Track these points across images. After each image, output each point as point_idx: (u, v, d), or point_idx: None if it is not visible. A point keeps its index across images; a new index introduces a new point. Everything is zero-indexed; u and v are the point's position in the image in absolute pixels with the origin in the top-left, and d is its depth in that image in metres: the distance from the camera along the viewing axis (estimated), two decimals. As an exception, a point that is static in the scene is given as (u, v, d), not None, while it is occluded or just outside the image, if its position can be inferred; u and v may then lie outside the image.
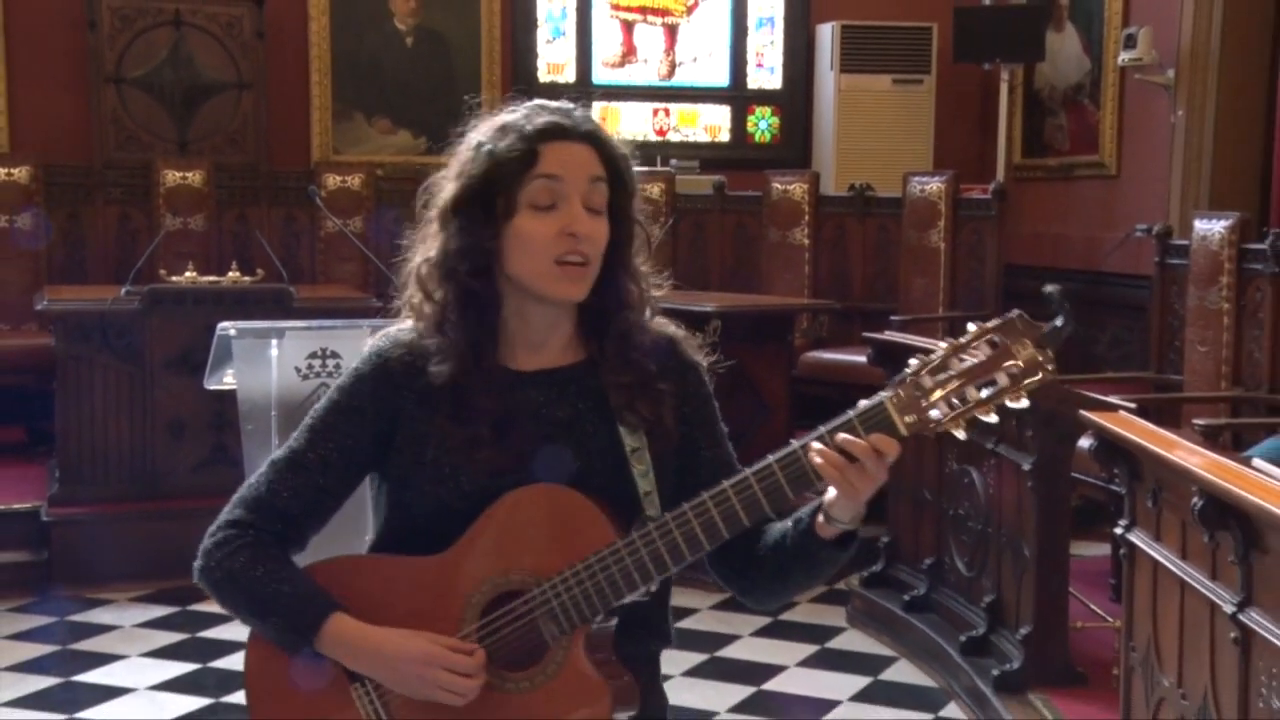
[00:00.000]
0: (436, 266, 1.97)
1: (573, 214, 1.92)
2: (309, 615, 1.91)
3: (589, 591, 1.87)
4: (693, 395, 2.06)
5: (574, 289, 1.94)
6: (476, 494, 1.92)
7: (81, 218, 7.55)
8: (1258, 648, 2.68)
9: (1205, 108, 6.93)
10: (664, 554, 1.87)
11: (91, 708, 4.52)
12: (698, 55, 8.85)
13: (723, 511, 1.85)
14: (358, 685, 1.94)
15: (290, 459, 1.98)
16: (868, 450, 1.79)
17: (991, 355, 1.77)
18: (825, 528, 1.90)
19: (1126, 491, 3.48)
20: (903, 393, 1.80)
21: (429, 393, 1.94)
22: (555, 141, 1.94)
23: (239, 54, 7.72)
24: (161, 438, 5.94)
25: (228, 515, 1.99)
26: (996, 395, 1.78)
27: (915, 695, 4.75)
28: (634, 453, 1.96)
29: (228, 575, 1.94)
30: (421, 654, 1.88)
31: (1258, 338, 5.66)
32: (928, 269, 7.35)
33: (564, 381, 2.00)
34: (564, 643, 1.89)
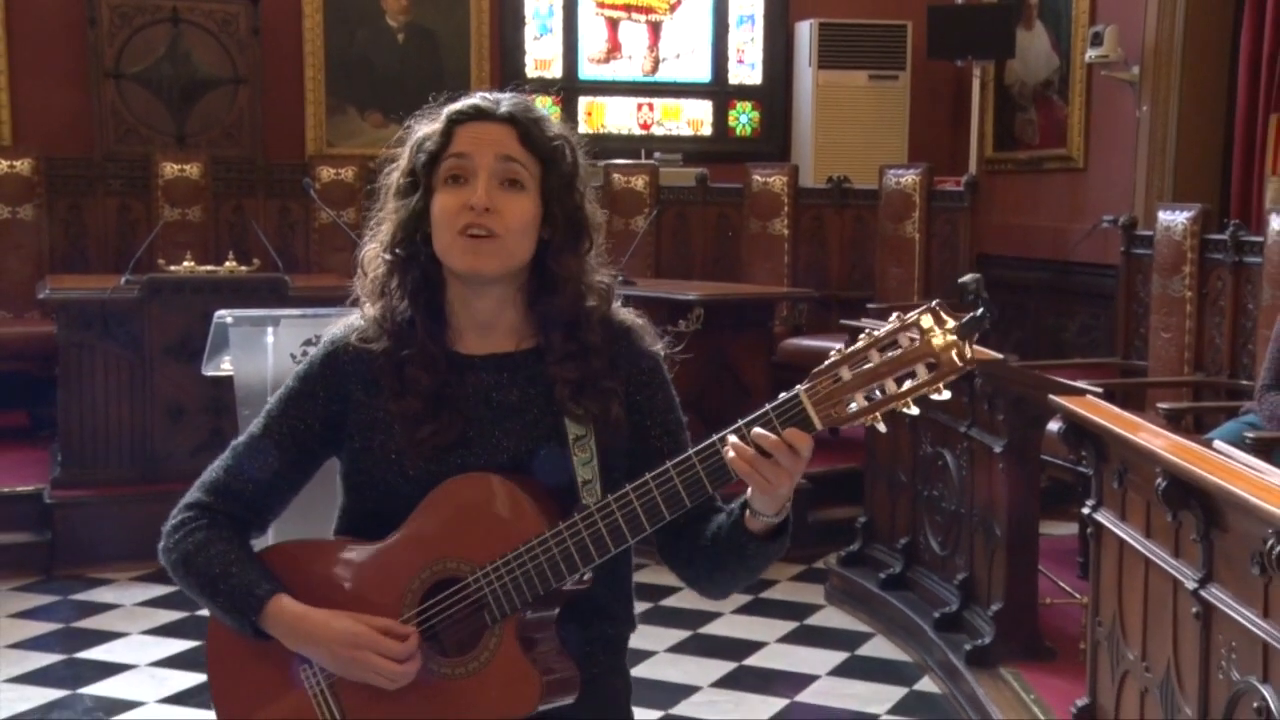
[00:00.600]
0: (378, 251, 1.99)
1: (474, 186, 1.90)
2: (252, 597, 1.92)
3: (519, 580, 1.85)
4: (646, 384, 2.02)
5: (480, 261, 1.91)
6: (421, 478, 1.92)
7: (82, 209, 7.61)
8: (1218, 622, 2.76)
9: (1169, 103, 7.04)
10: (588, 543, 1.84)
11: (94, 684, 4.57)
12: (681, 52, 8.92)
13: (644, 503, 1.82)
14: (305, 667, 1.96)
15: (248, 443, 2.00)
16: (780, 445, 1.74)
17: (910, 347, 1.70)
18: (753, 520, 1.86)
19: (1093, 473, 3.56)
20: (820, 386, 1.74)
21: (376, 379, 1.95)
22: (469, 123, 1.94)
23: (235, 50, 7.77)
24: (160, 422, 5.98)
25: (188, 498, 2.00)
26: (915, 388, 1.70)
27: (891, 670, 4.82)
28: (577, 441, 1.93)
29: (183, 556, 1.96)
30: (349, 635, 1.88)
31: (1219, 324, 5.76)
32: (903, 258, 7.44)
33: (513, 367, 1.98)
34: (496, 630, 1.87)
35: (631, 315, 2.07)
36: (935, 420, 4.89)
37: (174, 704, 4.45)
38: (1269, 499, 2.46)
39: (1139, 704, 3.25)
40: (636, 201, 7.88)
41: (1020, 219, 8.15)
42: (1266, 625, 2.55)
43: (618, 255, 7.42)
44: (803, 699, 4.55)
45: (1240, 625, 2.65)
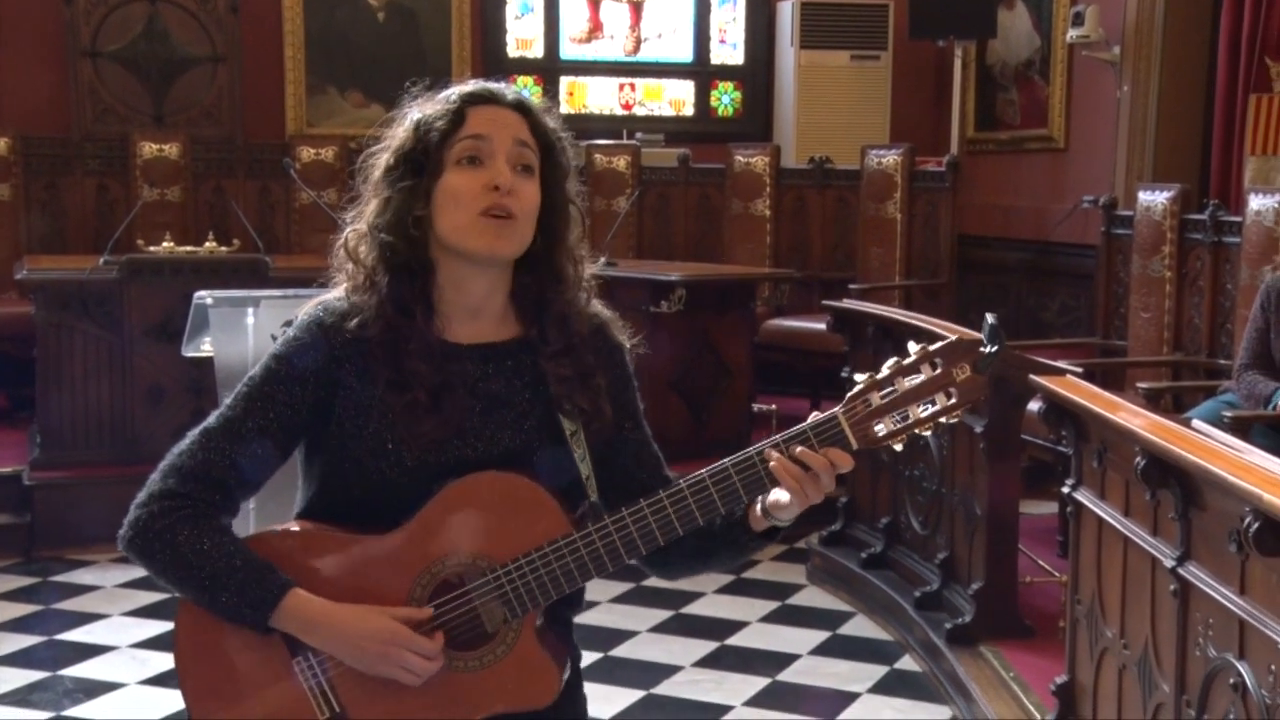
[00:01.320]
0: (367, 233, 1.95)
1: (497, 168, 1.90)
2: (265, 591, 1.86)
3: (543, 579, 1.87)
4: (619, 378, 2.04)
5: (500, 243, 1.91)
6: (417, 468, 1.89)
7: (60, 188, 7.58)
8: (1195, 599, 2.79)
9: (1149, 83, 7.06)
10: (619, 546, 1.87)
11: (74, 665, 4.57)
12: (662, 31, 8.89)
13: (679, 510, 1.87)
14: (300, 659, 1.90)
15: (226, 427, 1.91)
16: (825, 465, 1.83)
17: (933, 376, 1.82)
18: (760, 521, 1.92)
19: (1073, 452, 3.59)
20: (856, 409, 1.83)
21: (368, 364, 1.91)
22: (482, 105, 1.94)
23: (213, 28, 7.74)
24: (141, 403, 5.98)
25: (160, 485, 1.90)
26: (936, 414, 1.83)
27: (871, 648, 4.85)
28: (572, 436, 1.95)
29: (169, 548, 1.87)
30: (386, 632, 1.85)
31: (1198, 304, 5.80)
32: (884, 239, 7.46)
33: (500, 356, 1.97)
34: (514, 626, 1.89)
35: (602, 307, 2.08)
36: (916, 400, 4.90)
37: (155, 685, 4.46)
38: (1246, 478, 2.48)
39: (1117, 681, 3.28)
40: (618, 182, 7.87)
41: (1001, 199, 8.16)
42: (1243, 603, 2.57)
43: (599, 236, 7.47)
44: (784, 678, 4.58)
45: (1217, 603, 2.67)
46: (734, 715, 4.29)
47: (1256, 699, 2.51)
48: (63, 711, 4.26)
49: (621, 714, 4.26)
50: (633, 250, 7.79)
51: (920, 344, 1.85)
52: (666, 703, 4.37)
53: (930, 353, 1.83)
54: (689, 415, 6.03)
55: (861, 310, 5.47)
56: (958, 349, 1.83)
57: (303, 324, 1.95)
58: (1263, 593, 2.51)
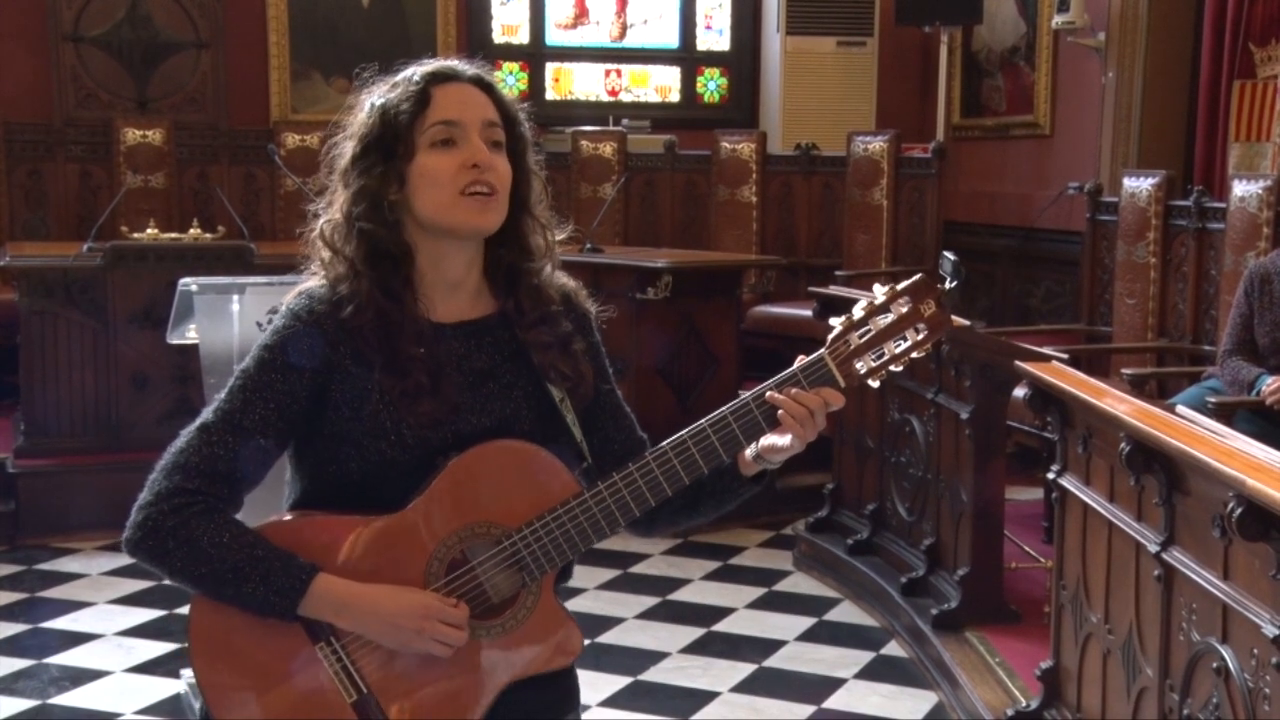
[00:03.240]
0: (341, 222, 1.95)
1: (474, 146, 1.93)
2: (292, 577, 1.86)
3: (558, 540, 1.92)
4: (591, 343, 2.09)
5: (483, 218, 1.94)
6: (417, 446, 1.91)
7: (43, 175, 7.54)
8: (1179, 584, 2.82)
9: (1134, 70, 7.07)
10: (629, 500, 1.93)
11: (60, 653, 4.57)
12: (648, 17, 8.87)
13: (683, 459, 1.93)
14: (323, 644, 1.91)
15: (226, 421, 1.90)
16: (820, 403, 1.92)
17: (902, 314, 1.93)
18: (750, 465, 2.00)
19: (1058, 438, 3.61)
20: (838, 350, 1.93)
21: (363, 348, 1.92)
22: (445, 83, 1.95)
23: (196, 13, 7.70)
24: (125, 391, 5.97)
25: (166, 484, 1.88)
26: (908, 349, 1.93)
27: (858, 634, 4.87)
28: (561, 402, 2.00)
29: (186, 545, 1.86)
30: (420, 607, 1.88)
31: (1182, 290, 5.83)
32: (871, 225, 7.48)
33: (479, 333, 2.00)
34: (534, 589, 1.93)
35: (566, 277, 2.12)
36: (903, 387, 4.92)
37: (141, 673, 4.46)
38: (1230, 463, 2.49)
39: (1101, 665, 3.30)
40: (604, 168, 7.87)
41: (987, 186, 8.18)
42: (1226, 587, 2.59)
43: (585, 223, 7.45)
44: (771, 664, 4.59)
45: (1201, 587, 2.69)
46: (721, 701, 4.30)
47: (1239, 683, 2.52)
48: (48, 699, 4.26)
49: (608, 700, 4.26)
50: (619, 237, 7.78)
51: (887, 284, 1.95)
52: (653, 689, 4.37)
53: (897, 292, 1.93)
54: (675, 401, 6.03)
55: (848, 297, 5.46)
56: (922, 286, 1.93)
57: (292, 312, 1.95)
58: (1245, 577, 2.53)
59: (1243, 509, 2.37)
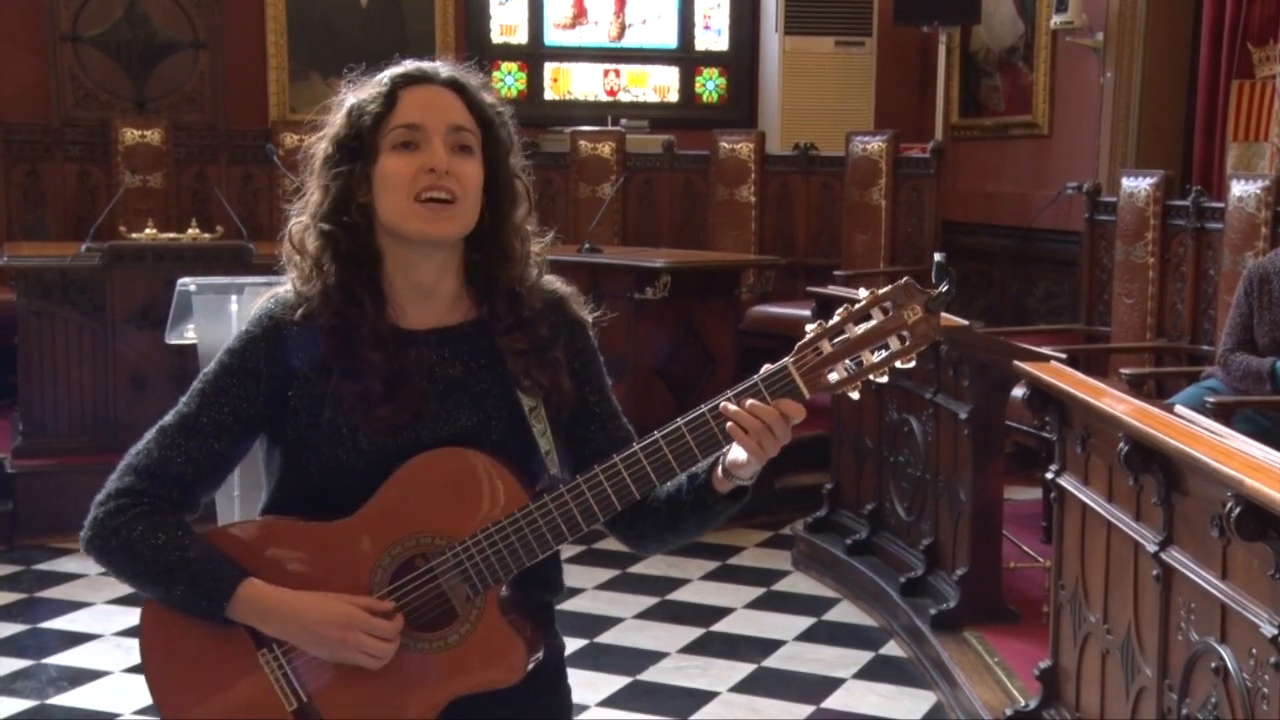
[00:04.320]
0: (309, 222, 1.93)
1: (432, 150, 1.88)
2: (219, 581, 1.86)
3: (502, 553, 1.86)
4: (580, 352, 2.02)
5: (438, 226, 1.89)
6: (375, 453, 1.88)
7: (41, 175, 7.54)
8: (1177, 584, 2.81)
9: (1132, 70, 7.07)
10: (576, 515, 1.86)
11: (58, 653, 4.57)
12: (647, 17, 8.86)
13: (634, 473, 1.85)
14: (265, 650, 1.90)
15: (181, 424, 1.90)
16: (776, 416, 1.81)
17: (884, 320, 1.80)
18: (723, 482, 1.90)
19: (1057, 438, 3.60)
20: (805, 358, 1.82)
21: (321, 355, 1.90)
22: (413, 86, 1.92)
23: (194, 13, 7.70)
24: (123, 391, 5.96)
25: (117, 484, 1.89)
26: (889, 358, 1.81)
27: (857, 634, 4.87)
28: (531, 411, 1.94)
29: (125, 545, 1.87)
30: (342, 617, 1.85)
31: (1180, 290, 5.83)
32: (869, 225, 7.48)
33: (455, 339, 1.95)
34: (477, 603, 1.88)
35: (559, 282, 2.06)
36: (901, 387, 4.92)
37: (139, 674, 4.40)
38: (1228, 463, 2.49)
39: (1100, 665, 3.30)
40: (603, 168, 7.87)
41: (985, 185, 8.18)
42: (1225, 587, 2.59)
43: (584, 223, 7.43)
44: (770, 664, 4.59)
45: (1199, 587, 2.69)
46: (719, 701, 4.30)
47: (1238, 682, 2.52)
48: (47, 700, 4.26)
49: (607, 700, 4.26)
50: (617, 237, 7.78)
51: (870, 289, 1.84)
52: (652, 689, 4.37)
53: (880, 296, 1.82)
54: (673, 402, 6.01)
55: (846, 297, 5.44)
56: (907, 291, 1.81)
57: (254, 318, 1.94)
58: (1244, 577, 2.53)
59: (1241, 509, 2.37)
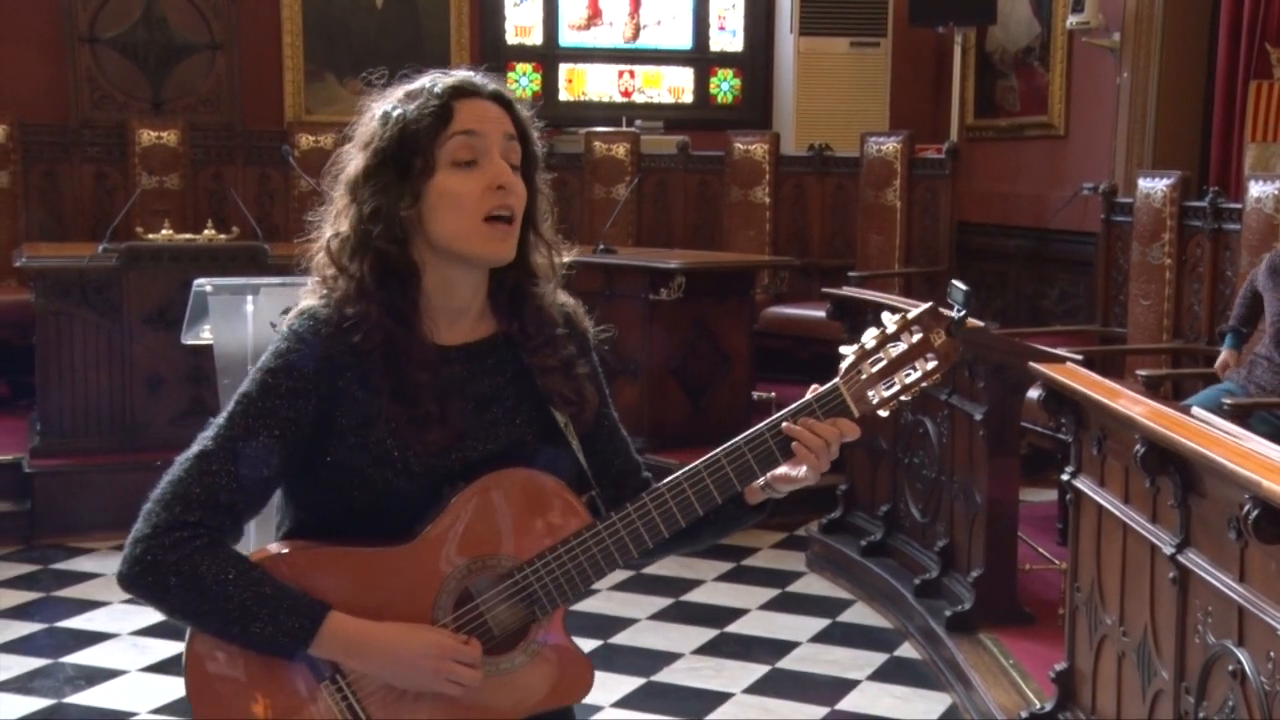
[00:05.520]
0: (350, 238, 1.86)
1: (497, 168, 1.85)
2: (303, 617, 1.79)
3: (570, 573, 1.87)
4: (591, 364, 2.03)
5: (503, 247, 1.88)
6: (425, 475, 1.85)
7: (58, 176, 7.57)
8: (1194, 587, 2.80)
9: (1149, 70, 7.06)
10: (642, 532, 1.89)
11: (75, 652, 4.59)
12: (661, 18, 8.88)
13: (698, 490, 1.89)
14: (328, 683, 1.84)
15: (228, 449, 1.81)
16: (836, 434, 1.89)
17: (914, 344, 1.90)
18: (755, 494, 1.95)
19: (1073, 439, 3.59)
20: (851, 379, 1.90)
21: (369, 374, 1.84)
22: (467, 98, 1.87)
23: (211, 15, 7.73)
24: (140, 391, 5.99)
25: (167, 516, 1.78)
26: (920, 379, 1.91)
27: (871, 636, 4.86)
28: (565, 427, 1.94)
29: (191, 582, 1.77)
30: (434, 647, 1.82)
31: (1197, 291, 5.81)
32: (884, 226, 7.47)
33: (483, 354, 1.94)
34: (544, 624, 1.89)
35: (567, 296, 2.05)
36: (916, 387, 4.90)
37: (155, 672, 4.47)
38: (1246, 465, 2.48)
39: (1116, 668, 3.29)
40: (617, 169, 7.88)
41: (1001, 186, 8.17)
42: (1242, 589, 2.58)
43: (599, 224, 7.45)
44: (784, 665, 4.59)
45: (1216, 589, 2.68)
46: (733, 702, 4.29)
47: (1255, 686, 2.51)
48: (64, 699, 4.27)
49: (621, 701, 4.26)
50: (632, 238, 7.79)
51: (897, 314, 1.93)
52: (666, 690, 4.37)
53: (908, 321, 1.91)
54: (688, 403, 6.02)
55: (861, 297, 5.47)
56: (931, 315, 1.91)
57: (295, 334, 1.85)
58: (1262, 580, 2.52)
59: (1259, 511, 2.36)
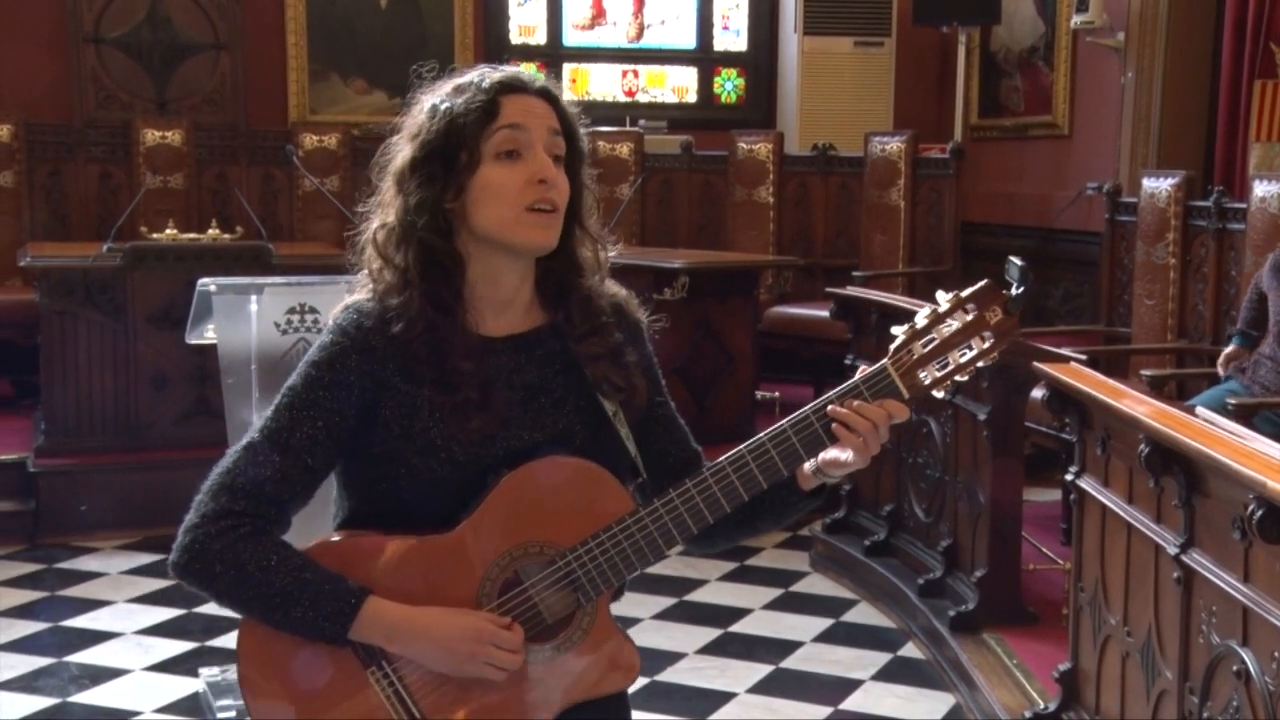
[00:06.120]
0: (395, 229, 1.91)
1: (540, 161, 1.89)
2: (342, 602, 1.83)
3: (614, 559, 1.87)
4: (643, 354, 2.05)
5: (546, 235, 1.90)
6: (469, 463, 1.88)
7: (63, 175, 7.58)
8: (1198, 587, 2.80)
9: (1154, 69, 7.05)
10: (686, 518, 1.89)
11: (80, 651, 4.59)
12: (665, 18, 8.89)
13: (742, 476, 1.88)
14: (374, 669, 1.88)
15: (273, 441, 1.87)
16: (884, 416, 1.87)
17: (968, 322, 1.87)
18: (809, 479, 1.94)
19: (1077, 439, 3.60)
20: (901, 360, 1.87)
21: (412, 364, 1.88)
22: (514, 94, 1.91)
23: (216, 15, 7.74)
24: (144, 391, 5.99)
25: (214, 505, 1.85)
26: (975, 358, 1.88)
27: (875, 636, 4.86)
28: (614, 416, 1.96)
29: (234, 569, 1.82)
30: (472, 631, 1.84)
31: (1202, 291, 5.81)
32: (888, 226, 7.47)
33: (530, 346, 1.96)
34: (589, 610, 1.90)
35: (618, 286, 2.08)
36: (920, 387, 4.90)
37: (160, 671, 4.47)
38: (1250, 464, 2.48)
39: (1120, 668, 3.29)
40: (621, 169, 7.88)
41: (1005, 186, 8.16)
42: (1247, 590, 2.58)
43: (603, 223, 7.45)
44: (787, 665, 4.59)
45: (1221, 590, 2.68)
46: (737, 702, 4.29)
47: (1260, 686, 2.51)
48: (68, 697, 4.27)
49: (625, 701, 4.26)
50: (636, 237, 7.79)
51: (950, 292, 1.90)
52: (670, 690, 4.37)
53: (963, 299, 1.88)
54: (692, 402, 6.03)
55: (865, 297, 5.48)
56: (988, 293, 1.88)
57: (340, 328, 1.91)
58: (1266, 580, 2.52)
59: (1263, 511, 2.36)
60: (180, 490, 2.02)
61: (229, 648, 4.61)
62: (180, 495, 1.97)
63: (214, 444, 4.59)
